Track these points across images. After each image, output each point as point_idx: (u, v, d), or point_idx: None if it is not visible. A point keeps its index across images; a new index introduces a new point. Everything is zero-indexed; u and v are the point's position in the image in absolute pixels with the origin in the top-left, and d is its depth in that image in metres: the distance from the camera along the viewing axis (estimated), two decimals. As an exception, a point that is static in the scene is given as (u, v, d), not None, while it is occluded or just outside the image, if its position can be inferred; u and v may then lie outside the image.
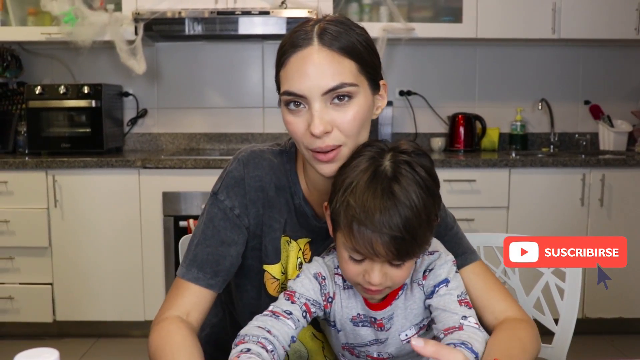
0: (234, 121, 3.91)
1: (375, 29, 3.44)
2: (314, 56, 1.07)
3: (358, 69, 1.10)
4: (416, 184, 1.00)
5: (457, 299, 1.09)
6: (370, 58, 1.13)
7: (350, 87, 1.08)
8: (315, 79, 1.07)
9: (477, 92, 3.89)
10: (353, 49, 1.09)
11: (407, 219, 0.97)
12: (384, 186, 0.98)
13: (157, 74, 3.86)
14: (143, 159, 3.23)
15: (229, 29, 3.43)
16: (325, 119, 1.08)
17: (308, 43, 1.08)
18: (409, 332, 1.14)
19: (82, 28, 3.34)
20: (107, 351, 3.28)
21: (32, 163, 3.22)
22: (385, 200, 0.97)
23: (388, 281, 1.04)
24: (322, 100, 1.07)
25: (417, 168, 1.02)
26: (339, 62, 1.08)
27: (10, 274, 3.26)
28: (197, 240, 1.20)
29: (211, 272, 1.17)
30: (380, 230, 0.97)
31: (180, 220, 3.20)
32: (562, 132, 3.92)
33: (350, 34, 1.10)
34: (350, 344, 1.18)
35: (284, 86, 1.10)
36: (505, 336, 1.10)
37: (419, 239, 1.00)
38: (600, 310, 3.34)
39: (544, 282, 1.53)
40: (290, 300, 1.12)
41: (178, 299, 1.16)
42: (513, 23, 3.46)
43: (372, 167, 1.01)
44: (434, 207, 1.02)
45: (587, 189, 3.28)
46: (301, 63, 1.08)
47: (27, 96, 3.45)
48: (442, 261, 1.12)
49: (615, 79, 3.91)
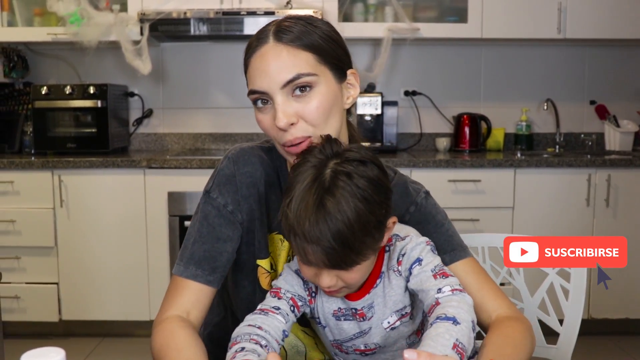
0: (239, 121, 3.91)
1: (380, 29, 3.44)
2: (270, 53, 1.11)
3: (317, 59, 1.13)
4: (352, 196, 0.99)
5: (432, 273, 1.09)
6: (330, 48, 1.16)
7: (309, 77, 1.11)
8: (272, 74, 1.10)
9: (482, 92, 3.89)
10: (310, 41, 1.13)
11: (337, 231, 0.98)
12: (317, 198, 0.99)
13: (162, 74, 3.87)
14: (148, 159, 3.24)
15: (234, 29, 3.44)
16: (288, 111, 1.11)
17: (264, 41, 1.13)
18: (391, 319, 1.15)
19: (88, 28, 3.35)
20: (113, 351, 3.29)
21: (38, 163, 3.23)
22: (316, 212, 0.98)
23: (340, 283, 1.06)
24: (282, 93, 1.11)
25: (356, 179, 1.01)
26: (295, 54, 1.11)
27: (16, 273, 3.27)
28: (192, 238, 1.21)
29: (209, 268, 1.19)
30: (309, 241, 0.99)
31: (186, 220, 3.21)
32: (567, 132, 3.91)
33: (308, 27, 1.14)
34: (337, 340, 1.20)
35: (248, 86, 1.15)
36: (497, 336, 1.10)
37: (354, 249, 1.00)
38: (605, 310, 3.33)
39: (549, 283, 1.53)
40: (277, 297, 1.15)
41: (177, 297, 1.18)
42: (518, 23, 3.45)
43: (312, 177, 1.02)
44: (373, 216, 1.01)
45: (593, 189, 3.27)
46: (259, 61, 1.12)
47: (33, 96, 3.47)
48: (414, 243, 1.13)
49: (621, 79, 3.90)
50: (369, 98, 3.65)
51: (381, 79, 3.79)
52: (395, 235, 1.16)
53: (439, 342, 0.94)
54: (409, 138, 3.89)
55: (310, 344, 1.32)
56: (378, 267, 1.14)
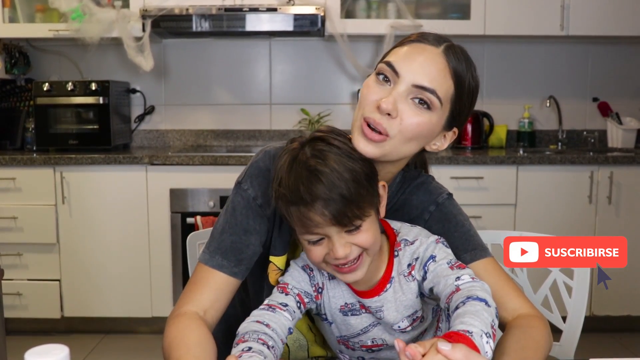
0: (241, 118, 3.91)
1: (382, 26, 3.43)
2: (431, 55, 1.13)
3: (451, 97, 1.15)
4: (335, 154, 1.05)
5: (448, 265, 1.09)
6: (465, 101, 1.18)
7: (436, 100, 1.12)
8: (417, 69, 1.11)
9: (484, 89, 3.88)
10: (462, 80, 1.15)
11: (331, 183, 1.01)
12: (302, 164, 1.03)
13: (164, 70, 3.86)
14: (150, 156, 3.24)
15: (236, 26, 3.43)
16: (397, 104, 1.10)
17: (433, 44, 1.15)
18: (402, 324, 1.15)
19: (90, 25, 3.35)
20: (115, 347, 3.29)
21: (40, 160, 3.23)
22: (307, 175, 1.02)
23: (355, 250, 1.06)
24: (408, 89, 1.11)
25: (333, 140, 1.07)
26: (444, 73, 1.13)
27: (18, 270, 3.28)
28: (221, 228, 1.21)
29: (235, 260, 1.19)
30: (308, 202, 1.01)
31: (188, 217, 3.20)
32: (570, 129, 3.90)
33: (470, 70, 1.17)
34: (343, 337, 1.20)
35: (388, 57, 1.16)
36: (518, 335, 1.09)
37: (352, 200, 1.02)
38: (607, 308, 3.33)
39: (552, 280, 1.53)
40: (285, 293, 1.15)
41: (198, 292, 1.17)
42: (521, 20, 3.44)
43: (291, 156, 1.06)
44: (359, 168, 1.05)
45: (595, 186, 3.27)
46: (417, 51, 1.14)
47: (34, 93, 3.46)
48: (424, 246, 1.13)
49: (624, 76, 3.89)
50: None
51: (383, 76, 3.78)
52: (404, 240, 1.15)
53: (479, 319, 0.92)
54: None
55: (311, 339, 1.33)
56: (388, 272, 1.14)
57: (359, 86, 3.78)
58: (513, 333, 1.11)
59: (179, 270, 3.27)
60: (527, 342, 1.07)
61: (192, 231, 1.76)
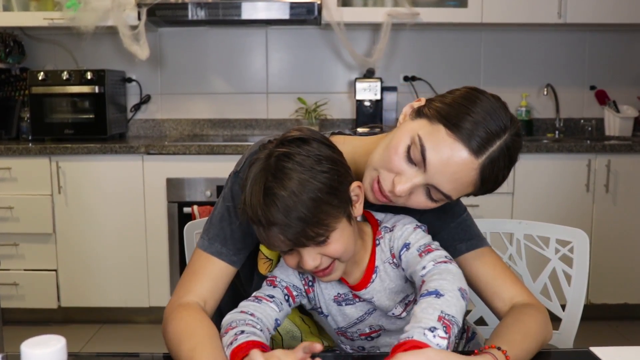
0: (237, 107, 3.90)
1: (379, 14, 3.42)
2: (466, 169, 1.04)
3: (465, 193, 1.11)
4: (294, 171, 1.00)
5: (417, 252, 1.08)
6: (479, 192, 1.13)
7: (446, 201, 1.10)
8: (444, 178, 1.05)
9: (482, 77, 3.87)
10: (485, 183, 1.08)
11: (286, 207, 0.98)
12: (262, 184, 1.00)
13: (160, 59, 3.84)
14: (147, 145, 3.22)
15: (232, 14, 3.41)
16: (406, 188, 1.07)
17: (474, 154, 1.04)
18: (396, 311, 1.16)
19: (85, 13, 3.33)
20: (112, 337, 3.29)
21: (35, 149, 3.21)
22: (264, 197, 0.99)
23: (326, 260, 1.06)
24: (427, 184, 1.07)
25: (296, 156, 1.02)
26: (468, 187, 1.07)
27: (14, 260, 3.27)
28: (220, 215, 1.21)
29: (234, 248, 1.19)
30: (266, 225, 1.00)
31: (184, 207, 3.20)
32: (567, 117, 3.90)
33: (502, 172, 1.08)
34: (341, 328, 1.20)
35: (419, 130, 1.07)
36: (508, 322, 1.10)
37: (311, 221, 0.99)
38: (604, 296, 3.34)
39: (551, 268, 1.52)
40: (272, 285, 1.16)
41: (197, 282, 1.17)
42: (519, 8, 3.43)
43: (260, 166, 1.03)
44: (322, 184, 1.01)
45: (593, 174, 3.27)
46: (454, 158, 1.04)
47: (30, 82, 3.45)
48: (400, 232, 1.13)
49: (622, 64, 3.88)
50: (368, 83, 3.63)
51: (380, 65, 3.77)
52: (384, 227, 1.16)
53: (423, 319, 0.93)
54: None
55: (306, 331, 1.33)
56: (372, 262, 1.15)
57: (356, 75, 3.78)
58: (504, 320, 1.12)
59: (176, 260, 3.26)
60: (517, 327, 1.08)
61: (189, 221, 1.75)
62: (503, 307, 1.16)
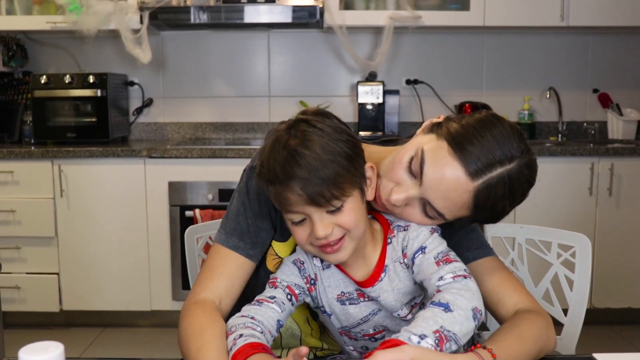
0: (239, 110, 3.89)
1: (381, 17, 3.41)
2: (460, 189, 1.06)
3: (460, 216, 1.11)
4: (315, 134, 1.03)
5: (434, 260, 1.08)
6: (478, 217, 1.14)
7: (442, 220, 1.11)
8: (438, 194, 1.07)
9: (484, 80, 3.86)
10: (480, 210, 1.09)
11: (306, 163, 1.00)
12: (283, 145, 1.03)
13: (162, 63, 3.84)
14: (149, 149, 3.22)
15: (234, 18, 3.41)
16: (405, 202, 1.11)
17: (471, 176, 1.05)
18: (402, 312, 1.15)
19: (87, 17, 3.33)
20: (114, 341, 3.29)
21: (37, 153, 3.21)
22: (284, 154, 1.01)
23: (337, 230, 1.05)
24: (422, 199, 1.09)
25: (316, 122, 1.05)
26: (461, 209, 1.08)
27: (16, 263, 3.27)
28: (236, 210, 1.23)
29: (250, 242, 1.21)
30: (285, 180, 1.01)
31: (186, 210, 3.19)
32: (570, 120, 3.89)
33: (503, 202, 1.11)
34: (345, 327, 1.20)
35: (425, 144, 1.09)
36: (504, 327, 1.10)
37: (328, 179, 1.00)
38: (608, 300, 3.33)
39: (553, 273, 1.52)
40: (273, 287, 1.16)
41: (216, 276, 1.18)
42: (521, 10, 3.42)
43: (275, 137, 1.06)
44: (339, 148, 1.03)
45: (596, 178, 3.25)
46: (449, 177, 1.05)
47: (32, 86, 3.45)
48: (415, 233, 1.12)
49: (625, 67, 3.87)
50: (370, 87, 3.63)
51: (383, 68, 3.76)
52: (397, 226, 1.15)
53: (419, 325, 0.94)
54: (411, 127, 3.87)
55: (307, 332, 1.33)
56: (382, 260, 1.14)
57: (358, 78, 3.78)
58: (502, 325, 1.12)
59: (178, 263, 3.26)
60: (511, 330, 1.08)
61: (191, 224, 1.76)
62: (506, 315, 1.16)
